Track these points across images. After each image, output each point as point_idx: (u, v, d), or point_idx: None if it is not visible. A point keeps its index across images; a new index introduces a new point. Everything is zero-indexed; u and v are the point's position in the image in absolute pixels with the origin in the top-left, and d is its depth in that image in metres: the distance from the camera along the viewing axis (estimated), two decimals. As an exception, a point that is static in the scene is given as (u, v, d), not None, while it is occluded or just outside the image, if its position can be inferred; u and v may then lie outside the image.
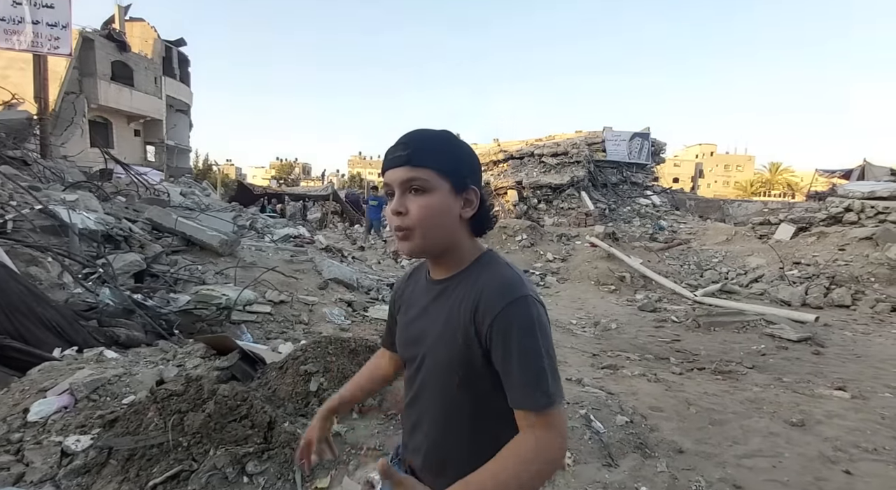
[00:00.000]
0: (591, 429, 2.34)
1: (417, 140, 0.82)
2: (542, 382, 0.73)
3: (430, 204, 0.79)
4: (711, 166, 68.51)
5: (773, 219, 12.84)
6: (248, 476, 1.95)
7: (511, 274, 0.81)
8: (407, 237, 0.81)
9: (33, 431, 2.11)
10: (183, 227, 5.22)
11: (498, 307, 0.75)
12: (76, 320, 2.89)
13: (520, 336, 0.74)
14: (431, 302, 0.88)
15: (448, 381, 0.82)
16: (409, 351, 0.91)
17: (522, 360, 0.74)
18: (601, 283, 8.34)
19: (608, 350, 4.58)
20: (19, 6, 8.39)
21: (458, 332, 0.80)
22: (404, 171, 0.79)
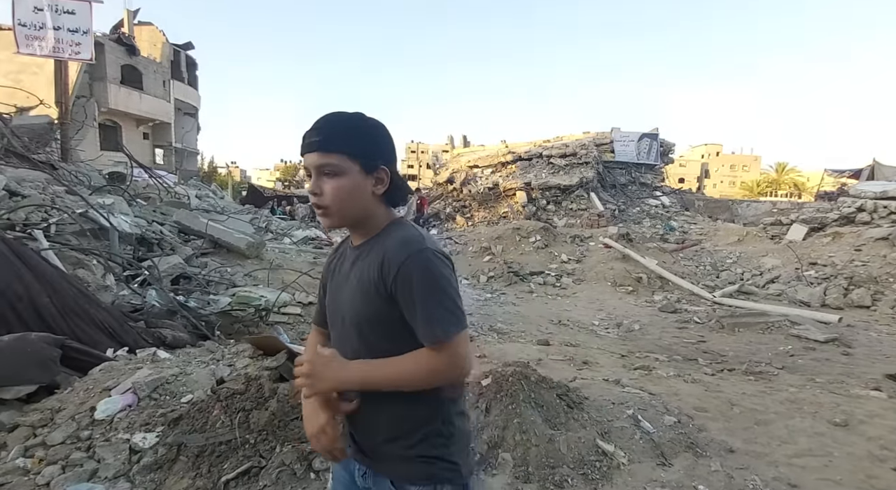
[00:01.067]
0: (640, 429, 2.38)
1: (329, 126, 0.89)
2: (444, 316, 0.84)
3: (341, 186, 0.88)
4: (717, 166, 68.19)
5: (784, 219, 12.79)
6: (314, 472, 2.00)
7: (414, 233, 0.91)
8: (325, 214, 0.91)
9: (101, 429, 2.17)
10: (211, 229, 5.30)
11: (400, 259, 0.85)
12: (125, 321, 2.96)
13: (420, 283, 0.84)
14: (350, 267, 0.96)
15: (367, 333, 0.91)
16: (333, 316, 0.99)
17: (422, 305, 0.84)
18: (618, 284, 8.36)
19: (635, 351, 4.61)
20: (41, 12, 8.53)
21: (370, 287, 0.88)
22: (317, 156, 0.88)
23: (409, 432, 0.91)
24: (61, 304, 2.74)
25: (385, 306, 0.87)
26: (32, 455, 2.03)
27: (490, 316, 6.04)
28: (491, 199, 19.91)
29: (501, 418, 2.30)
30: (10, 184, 3.94)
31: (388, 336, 0.89)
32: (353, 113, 0.91)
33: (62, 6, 8.51)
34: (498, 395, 2.42)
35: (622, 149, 20.96)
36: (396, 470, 0.93)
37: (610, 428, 2.38)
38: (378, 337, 0.90)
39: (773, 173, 62.06)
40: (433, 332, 0.84)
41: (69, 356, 2.46)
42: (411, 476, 0.92)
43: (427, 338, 0.85)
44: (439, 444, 0.92)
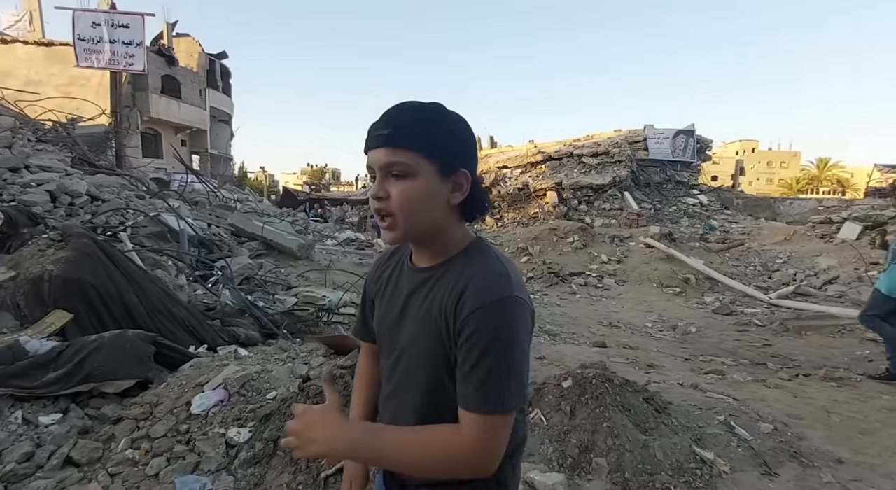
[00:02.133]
0: (736, 436, 2.27)
1: (401, 117, 0.73)
2: (497, 387, 0.68)
3: (413, 189, 0.71)
4: (753, 163, 65.51)
5: (834, 217, 12.12)
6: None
7: (500, 269, 0.74)
8: (390, 225, 0.74)
9: (198, 423, 2.24)
10: (265, 232, 5.43)
11: (477, 304, 0.69)
12: (204, 320, 3.06)
13: (491, 337, 0.68)
14: (414, 291, 0.80)
15: (431, 377, 0.77)
16: (388, 342, 0.85)
17: (484, 364, 0.68)
18: (664, 285, 8.10)
19: (698, 355, 4.44)
20: (98, 27, 9.00)
21: (440, 327, 0.74)
22: (384, 153, 0.72)
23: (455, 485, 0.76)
24: (148, 302, 2.86)
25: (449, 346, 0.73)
26: (139, 447, 2.11)
27: (539, 317, 5.95)
28: (521, 199, 19.74)
29: (589, 422, 2.24)
30: (91, 189, 4.19)
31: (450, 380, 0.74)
32: (430, 103, 0.76)
33: (117, 20, 8.96)
34: (582, 398, 2.35)
35: (656, 146, 20.41)
36: None
37: (702, 434, 2.28)
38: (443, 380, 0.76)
39: (814, 169, 59.14)
40: (482, 400, 0.68)
41: (160, 353, 2.55)
42: None
43: (470, 403, 0.69)
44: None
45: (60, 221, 3.34)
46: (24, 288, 2.59)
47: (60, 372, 2.22)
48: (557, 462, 2.12)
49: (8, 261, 2.74)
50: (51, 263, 2.63)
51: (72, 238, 2.79)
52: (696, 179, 21.35)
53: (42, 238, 2.83)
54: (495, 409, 0.68)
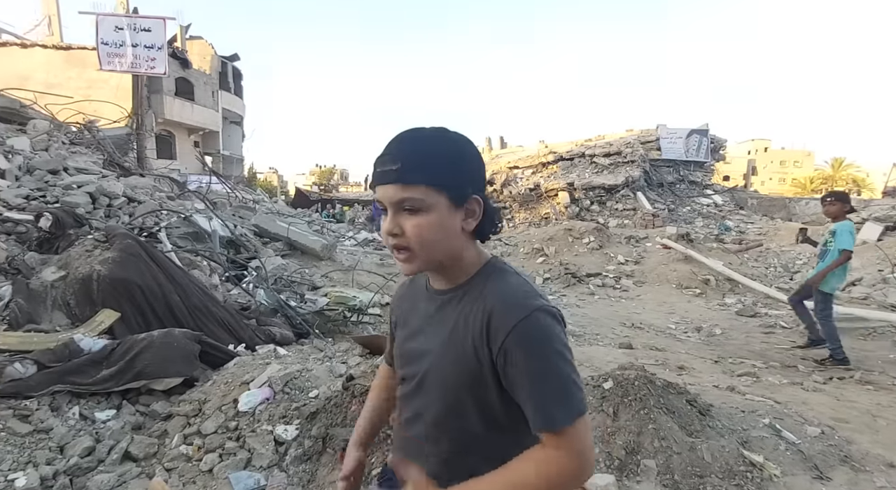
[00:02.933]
0: (783, 439, 2.25)
1: (408, 150, 0.72)
2: (565, 396, 0.68)
3: (427, 224, 0.71)
4: (765, 163, 64.65)
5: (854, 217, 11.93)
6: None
7: (523, 283, 0.75)
8: (408, 259, 0.74)
9: (246, 420, 2.27)
10: (289, 232, 5.49)
11: (511, 322, 0.69)
12: (241, 319, 3.10)
13: (539, 353, 0.69)
14: (434, 314, 0.81)
15: (456, 400, 0.76)
16: (407, 367, 0.84)
17: (539, 383, 0.68)
18: (684, 286, 8.03)
19: (726, 356, 4.40)
20: (121, 31, 9.15)
21: (466, 348, 0.73)
22: (395, 190, 0.71)
23: None
24: (189, 302, 2.91)
25: (483, 372, 0.73)
26: (191, 443, 2.15)
27: (558, 318, 5.94)
28: (532, 200, 19.69)
29: (634, 423, 2.23)
30: (126, 190, 4.28)
31: (480, 404, 0.75)
32: (434, 130, 0.75)
33: (139, 24, 9.11)
34: (625, 400, 2.35)
35: (669, 146, 20.23)
36: None
37: (748, 437, 2.27)
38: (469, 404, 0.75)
39: (829, 169, 58.22)
40: (554, 417, 0.68)
41: (203, 351, 2.60)
42: None
43: (546, 423, 0.68)
44: None
45: (102, 222, 3.42)
46: (73, 287, 2.66)
47: (113, 369, 2.27)
48: (604, 463, 2.12)
49: (57, 261, 2.81)
50: (98, 264, 2.70)
51: (116, 239, 2.85)
52: (709, 179, 21.13)
53: (88, 239, 2.90)
54: (575, 415, 0.68)
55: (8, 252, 2.84)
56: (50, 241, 3.08)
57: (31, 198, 3.53)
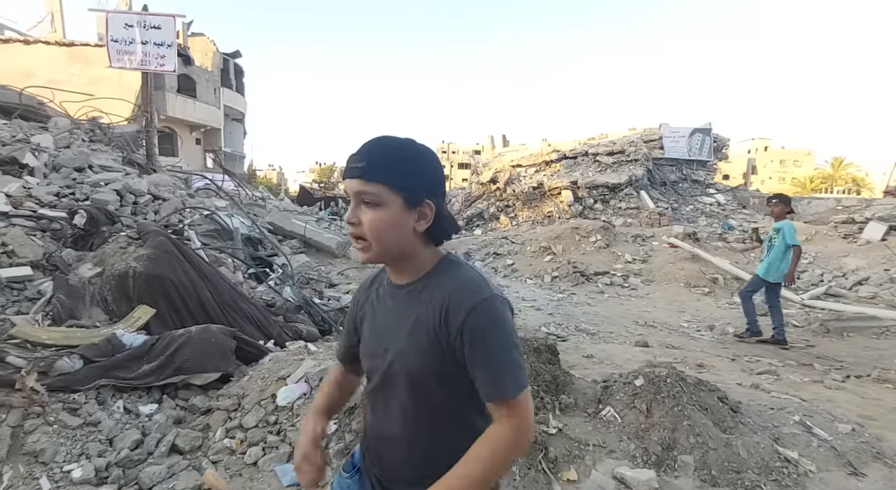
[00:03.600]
0: (814, 436, 2.29)
1: (374, 153, 0.81)
2: (511, 374, 0.78)
3: (381, 218, 0.80)
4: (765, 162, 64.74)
5: (857, 217, 11.96)
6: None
7: (476, 275, 0.84)
8: (364, 248, 0.82)
9: (286, 414, 2.31)
10: (304, 230, 5.51)
11: (466, 308, 0.78)
12: (269, 315, 3.13)
13: (489, 335, 0.78)
14: (395, 308, 0.88)
15: (424, 385, 0.84)
16: (374, 360, 0.90)
17: (493, 357, 0.78)
18: (692, 285, 8.07)
19: (742, 354, 4.44)
20: (131, 28, 9.13)
21: (428, 335, 0.81)
22: (358, 183, 0.80)
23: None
24: (220, 298, 2.94)
25: (443, 356, 0.81)
26: (234, 436, 2.18)
27: (571, 316, 5.97)
28: (535, 198, 19.70)
29: (668, 420, 2.27)
30: (151, 188, 4.29)
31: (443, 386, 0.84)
32: (403, 139, 0.84)
33: (149, 22, 9.08)
34: (658, 397, 2.39)
35: (672, 145, 20.25)
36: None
37: (780, 434, 2.31)
38: (432, 387, 0.84)
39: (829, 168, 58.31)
40: (504, 389, 0.78)
41: (238, 347, 2.63)
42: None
43: (498, 394, 0.79)
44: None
45: (130, 220, 3.44)
46: (110, 283, 2.68)
47: (154, 364, 2.30)
48: (641, 459, 2.16)
49: (92, 257, 2.84)
50: (133, 260, 2.72)
51: (149, 236, 2.87)
52: (712, 178, 21.17)
53: (121, 236, 2.92)
54: (518, 390, 0.79)
55: (45, 248, 2.86)
56: (84, 237, 3.10)
57: (62, 195, 3.55)
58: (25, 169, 3.44)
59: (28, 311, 2.50)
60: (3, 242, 2.75)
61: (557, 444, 2.19)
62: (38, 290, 2.61)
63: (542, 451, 2.11)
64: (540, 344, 2.89)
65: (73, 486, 1.75)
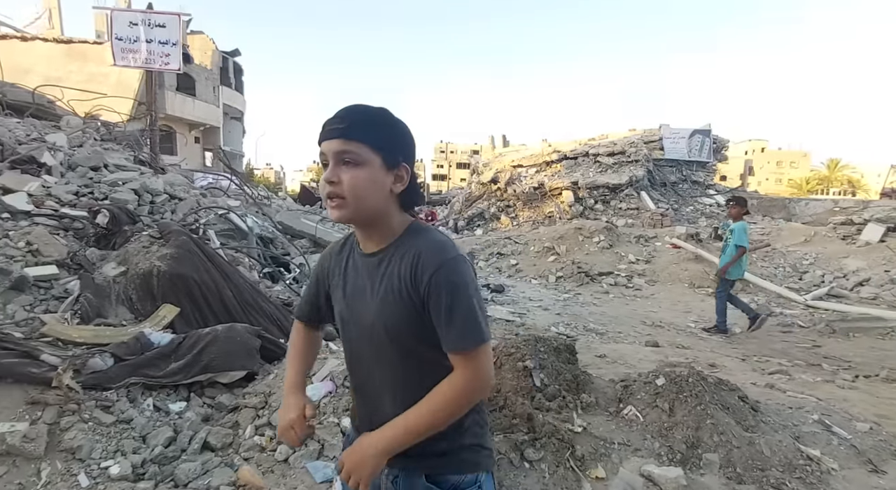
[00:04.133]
0: (834, 434, 2.33)
1: (354, 114, 0.85)
2: (474, 326, 0.82)
3: (362, 176, 0.83)
4: (762, 163, 65.14)
5: (855, 219, 12.07)
6: (528, 462, 2.07)
7: (443, 238, 0.88)
8: (339, 205, 0.84)
9: (313, 414, 2.33)
10: (312, 229, 5.53)
11: (433, 266, 0.82)
12: (288, 314, 3.14)
13: (454, 290, 0.82)
14: (368, 274, 0.90)
15: (405, 343, 0.87)
16: (351, 327, 0.93)
17: (457, 310, 0.82)
18: (696, 285, 8.13)
19: (751, 354, 4.49)
20: (135, 27, 9.10)
21: (402, 295, 0.85)
22: (339, 143, 0.83)
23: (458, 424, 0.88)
24: (241, 297, 2.95)
25: (417, 311, 0.85)
26: (263, 434, 2.20)
27: (578, 316, 6.01)
28: (536, 198, 19.73)
29: (692, 419, 2.30)
30: (166, 187, 4.29)
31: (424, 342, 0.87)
32: (378, 107, 0.88)
33: (154, 20, 9.05)
34: (680, 396, 2.42)
35: (672, 146, 20.34)
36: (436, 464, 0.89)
37: (800, 432, 2.35)
38: (414, 343, 0.87)
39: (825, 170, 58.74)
40: (464, 340, 0.83)
41: (262, 345, 2.64)
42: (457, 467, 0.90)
43: (457, 345, 0.83)
44: (479, 433, 0.93)
45: (148, 219, 3.44)
46: (134, 282, 2.69)
47: (182, 362, 2.31)
48: (667, 457, 2.19)
49: (115, 256, 2.84)
50: (157, 259, 2.73)
51: (171, 236, 2.88)
52: (712, 179, 21.28)
53: (143, 235, 2.93)
54: (480, 341, 0.83)
55: (68, 247, 2.87)
56: (107, 237, 3.10)
57: (81, 194, 3.54)
58: (43, 168, 3.44)
59: (55, 310, 2.50)
60: (28, 241, 2.75)
61: (583, 442, 2.22)
62: (64, 288, 2.62)
63: (570, 449, 2.14)
64: (559, 344, 2.92)
65: (111, 482, 1.76)
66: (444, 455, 0.89)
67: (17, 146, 3.64)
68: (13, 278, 2.43)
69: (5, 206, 3.01)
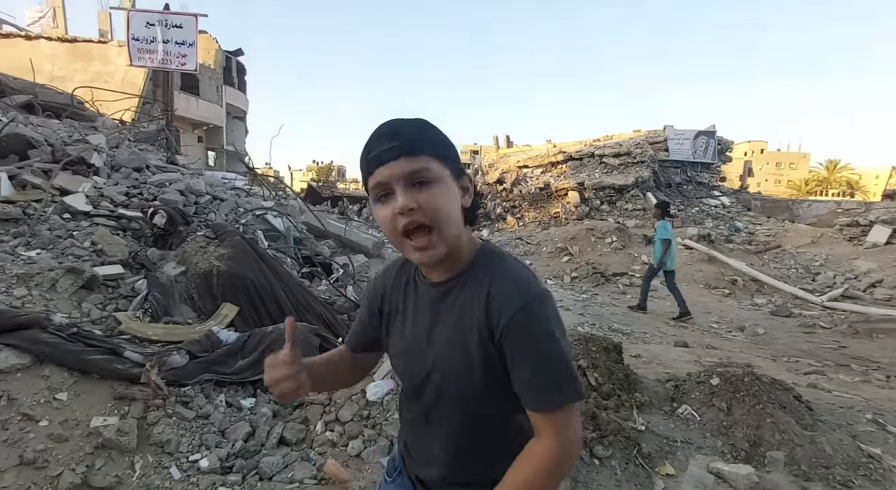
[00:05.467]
0: (890, 433, 2.38)
1: (405, 128, 0.70)
2: (560, 382, 0.69)
3: (442, 194, 0.69)
4: (761, 164, 65.35)
5: (861, 220, 12.17)
6: (597, 459, 2.11)
7: (522, 269, 0.75)
8: (428, 242, 0.69)
9: (377, 409, 2.36)
10: (337, 230, 5.57)
11: (513, 308, 0.69)
12: (336, 314, 3.18)
13: (536, 339, 0.69)
14: (434, 307, 0.78)
15: (469, 388, 0.75)
16: (412, 363, 0.81)
17: (542, 363, 0.69)
18: (712, 286, 8.19)
19: (780, 355, 4.54)
20: (152, 27, 9.12)
21: (472, 337, 0.73)
22: (405, 162, 0.67)
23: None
24: (292, 297, 2.98)
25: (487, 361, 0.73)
26: (332, 429, 2.24)
27: (601, 316, 6.05)
28: (542, 199, 19.79)
29: (751, 418, 2.35)
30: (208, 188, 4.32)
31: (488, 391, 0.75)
32: (416, 118, 0.74)
33: (171, 21, 9.07)
34: (737, 395, 2.47)
35: (677, 147, 20.44)
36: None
37: (855, 431, 2.39)
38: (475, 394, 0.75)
39: (823, 171, 58.98)
40: (548, 399, 0.69)
41: (321, 344, 2.68)
42: None
43: (540, 404, 0.70)
44: None
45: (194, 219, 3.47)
46: (195, 282, 2.72)
47: (249, 360, 2.35)
48: (730, 454, 2.23)
49: (174, 256, 2.87)
50: (215, 259, 2.76)
51: (226, 236, 2.91)
52: (716, 181, 21.39)
53: (198, 235, 2.96)
54: (569, 398, 0.70)
55: (129, 247, 2.90)
56: (163, 237, 3.13)
57: (131, 195, 3.57)
58: (91, 169, 3.47)
59: (124, 308, 2.53)
60: (93, 241, 2.78)
61: (647, 440, 2.26)
62: (131, 287, 2.65)
63: (636, 447, 2.18)
64: (608, 343, 2.96)
65: (202, 475, 1.79)
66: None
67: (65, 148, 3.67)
68: (85, 277, 2.46)
69: (66, 207, 3.04)
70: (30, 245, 2.68)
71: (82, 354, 1.93)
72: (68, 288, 2.35)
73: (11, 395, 1.77)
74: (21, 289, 2.23)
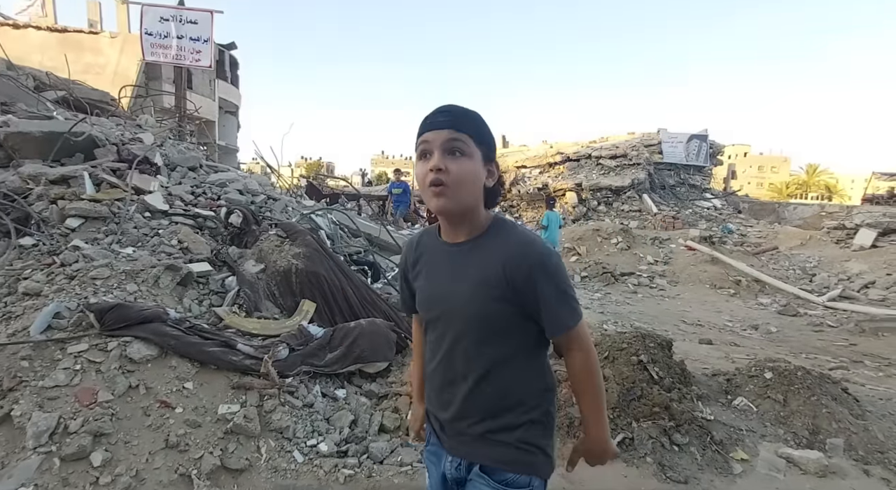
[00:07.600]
0: (930, 421, 2.59)
1: (458, 109, 0.91)
2: (574, 307, 0.93)
3: (468, 167, 0.88)
4: (744, 167, 66.84)
5: (847, 223, 12.69)
6: (676, 446, 2.27)
7: (530, 233, 0.97)
8: (442, 193, 0.87)
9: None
10: (367, 228, 5.65)
11: (534, 257, 0.89)
12: (397, 311, 3.28)
13: (554, 279, 0.90)
14: (455, 262, 0.95)
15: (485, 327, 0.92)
16: (434, 310, 0.98)
17: (560, 297, 0.90)
18: (717, 286, 8.48)
19: (797, 352, 4.77)
20: (166, 22, 9.01)
21: (490, 286, 0.90)
22: (449, 133, 0.88)
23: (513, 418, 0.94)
24: (359, 294, 3.07)
25: (505, 304, 0.90)
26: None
27: (621, 314, 6.25)
28: (540, 199, 20.06)
29: (807, 408, 2.54)
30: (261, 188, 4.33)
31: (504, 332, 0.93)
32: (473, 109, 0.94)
33: (185, 16, 8.98)
34: (792, 388, 2.65)
35: (670, 150, 20.90)
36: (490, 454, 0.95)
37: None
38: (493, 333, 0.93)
39: (803, 175, 60.73)
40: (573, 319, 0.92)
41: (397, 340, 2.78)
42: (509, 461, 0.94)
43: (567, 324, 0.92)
44: (539, 434, 0.96)
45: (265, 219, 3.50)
46: (275, 279, 2.78)
47: (338, 353, 2.44)
48: (793, 441, 2.42)
49: (251, 254, 2.92)
50: (292, 258, 2.83)
51: (297, 235, 2.98)
52: (708, 183, 21.95)
53: (271, 234, 3.02)
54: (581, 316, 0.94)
55: (210, 245, 2.93)
56: (239, 236, 3.17)
57: (197, 194, 3.59)
58: (154, 168, 3.48)
59: (217, 304, 2.59)
60: (180, 240, 2.82)
61: (717, 428, 2.43)
62: (221, 283, 2.70)
63: (709, 435, 2.35)
64: (662, 340, 3.13)
65: (322, 458, 1.89)
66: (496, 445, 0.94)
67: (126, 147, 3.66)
68: (182, 274, 2.51)
69: (147, 206, 3.07)
70: (121, 243, 2.73)
71: (202, 346, 1.99)
72: (168, 284, 2.39)
73: (147, 383, 1.83)
74: (132, 284, 2.29)
